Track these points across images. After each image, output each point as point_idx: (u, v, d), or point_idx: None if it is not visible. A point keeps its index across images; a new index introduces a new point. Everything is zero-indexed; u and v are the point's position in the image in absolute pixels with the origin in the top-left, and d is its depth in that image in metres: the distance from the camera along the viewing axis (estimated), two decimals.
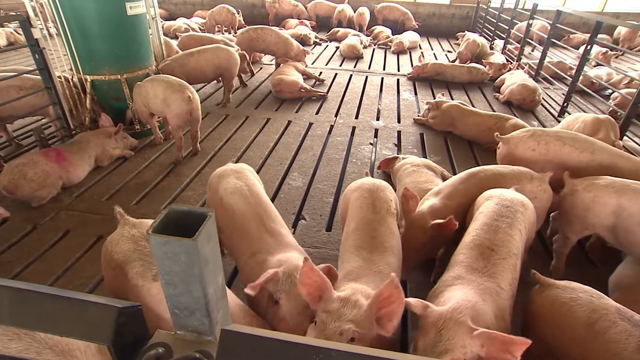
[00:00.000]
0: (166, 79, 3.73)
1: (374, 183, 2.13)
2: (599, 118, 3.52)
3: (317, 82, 6.23)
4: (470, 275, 1.58)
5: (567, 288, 1.58)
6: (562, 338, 1.50)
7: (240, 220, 1.98)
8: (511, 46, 8.07)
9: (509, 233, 1.75)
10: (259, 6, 11.58)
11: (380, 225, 1.87)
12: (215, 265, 0.64)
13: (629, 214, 2.14)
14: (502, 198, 1.97)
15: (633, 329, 1.37)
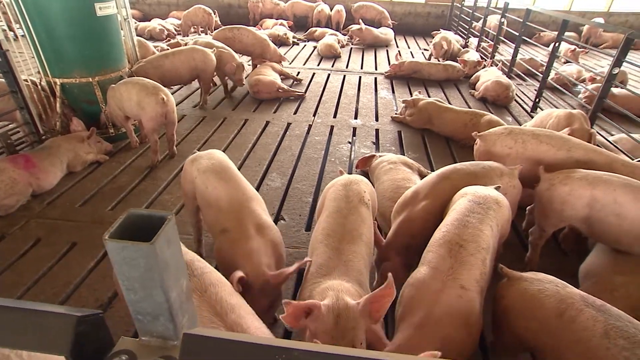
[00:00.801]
0: (140, 81, 3.66)
1: (349, 177, 2.18)
2: (572, 113, 3.63)
3: (295, 82, 6.22)
4: (432, 280, 1.60)
5: (534, 280, 1.61)
6: (534, 330, 1.52)
7: (213, 196, 2.07)
8: (485, 44, 8.25)
9: (478, 228, 1.76)
10: (235, 6, 11.48)
11: (351, 213, 1.91)
12: (178, 269, 0.63)
13: (602, 205, 2.21)
14: (475, 195, 1.99)
15: (598, 314, 1.41)
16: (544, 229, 2.48)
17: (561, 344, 1.42)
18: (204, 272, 1.52)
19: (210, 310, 1.38)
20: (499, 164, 2.54)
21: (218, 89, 5.82)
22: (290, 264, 1.80)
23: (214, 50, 5.14)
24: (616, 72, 3.73)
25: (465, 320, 1.51)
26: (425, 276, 1.64)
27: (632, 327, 1.36)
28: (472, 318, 1.52)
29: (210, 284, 1.47)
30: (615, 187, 2.20)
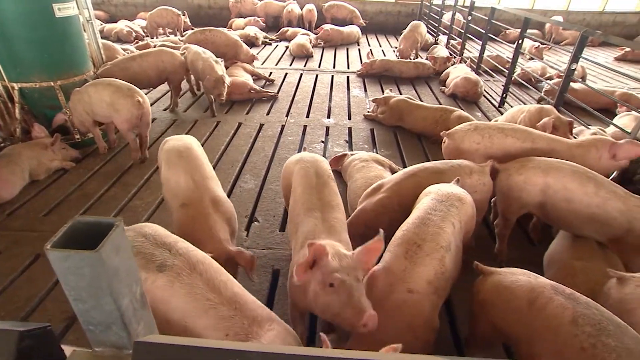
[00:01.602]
0: (113, 82, 3.58)
1: (314, 155, 2.36)
2: (543, 107, 3.76)
3: (267, 83, 6.19)
4: (381, 282, 1.63)
5: (507, 273, 1.66)
6: (509, 320, 1.57)
7: (173, 173, 2.25)
8: (454, 41, 8.43)
9: (439, 226, 1.78)
10: (205, 7, 11.32)
11: (324, 187, 2.10)
12: (129, 276, 0.62)
13: (554, 190, 2.34)
14: (439, 193, 2.02)
15: (567, 302, 1.45)
16: (507, 217, 2.58)
17: (533, 332, 1.46)
18: (189, 250, 1.59)
19: (204, 287, 1.46)
20: (468, 162, 2.59)
21: (189, 91, 5.71)
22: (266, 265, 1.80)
23: (183, 53, 5.05)
24: (574, 68, 3.89)
25: (408, 325, 1.53)
26: (377, 278, 1.67)
27: (598, 314, 1.39)
28: (417, 321, 1.55)
29: (198, 261, 1.54)
30: (565, 174, 2.33)
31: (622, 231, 2.21)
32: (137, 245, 1.57)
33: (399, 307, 1.57)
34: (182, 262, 1.51)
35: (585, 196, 2.27)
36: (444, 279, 1.68)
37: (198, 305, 1.42)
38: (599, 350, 1.28)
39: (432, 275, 1.64)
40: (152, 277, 1.48)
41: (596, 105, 4.87)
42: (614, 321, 1.38)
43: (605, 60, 9.23)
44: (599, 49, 10.58)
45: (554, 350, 1.38)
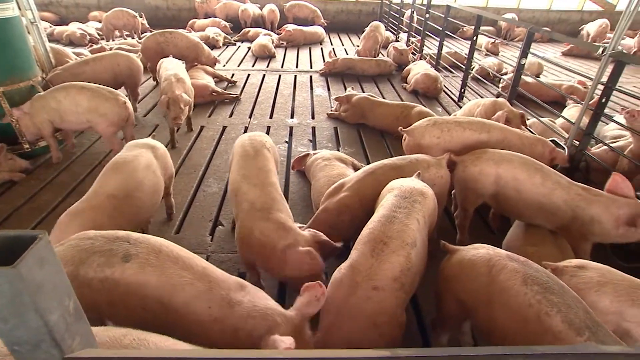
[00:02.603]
0: (87, 86, 3.47)
1: (253, 133, 2.64)
2: (497, 100, 3.91)
3: (229, 84, 6.10)
4: (347, 280, 1.65)
5: (469, 249, 1.78)
6: (470, 290, 1.67)
7: None
8: (414, 39, 8.62)
9: (404, 223, 1.81)
10: (163, 8, 11.02)
11: (257, 155, 2.41)
12: (58, 289, 0.59)
13: (505, 181, 2.46)
14: (401, 189, 2.05)
15: (519, 266, 1.58)
16: (465, 208, 2.67)
17: (491, 295, 1.58)
18: (146, 237, 1.63)
19: (175, 266, 1.52)
20: (425, 156, 2.65)
21: (149, 95, 5.54)
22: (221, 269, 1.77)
23: (139, 55, 4.90)
24: (524, 63, 4.07)
25: (373, 322, 1.56)
26: (343, 276, 1.68)
27: (545, 276, 1.54)
28: (382, 319, 1.57)
29: (161, 245, 1.60)
30: (515, 166, 2.45)
31: (568, 219, 2.34)
32: (87, 247, 1.56)
33: (364, 305, 1.58)
34: (146, 249, 1.56)
35: (533, 186, 2.39)
36: (410, 275, 1.71)
37: (175, 283, 1.49)
38: (544, 305, 1.43)
39: (398, 272, 1.66)
40: (120, 268, 1.50)
41: (547, 98, 5.14)
42: (558, 282, 1.53)
43: (554, 55, 9.73)
44: (548, 45, 11.14)
45: (508, 309, 1.51)
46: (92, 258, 1.53)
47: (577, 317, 1.39)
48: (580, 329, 1.35)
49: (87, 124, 3.49)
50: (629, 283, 1.68)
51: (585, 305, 1.48)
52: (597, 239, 2.34)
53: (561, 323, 1.38)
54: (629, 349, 0.57)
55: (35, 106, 3.44)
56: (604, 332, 1.37)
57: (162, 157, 2.62)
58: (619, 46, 2.86)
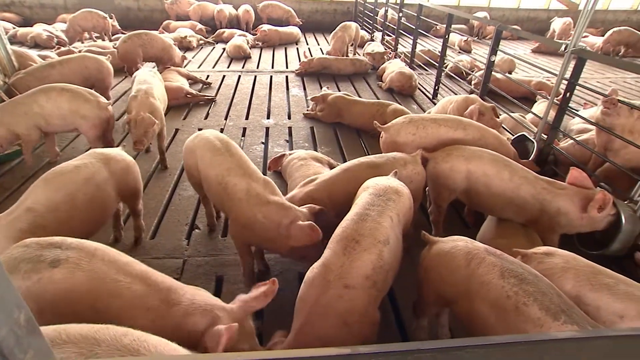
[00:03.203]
0: (68, 87, 3.40)
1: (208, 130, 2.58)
2: (468, 96, 4.00)
3: (204, 86, 6.01)
4: (319, 279, 1.66)
5: (448, 240, 1.82)
6: (449, 281, 1.71)
7: None
8: (389, 37, 8.71)
9: (377, 221, 1.82)
10: (134, 9, 10.76)
11: (230, 147, 2.40)
12: (5, 302, 0.57)
13: (475, 177, 2.52)
14: (376, 187, 2.06)
15: (496, 260, 1.63)
16: (438, 204, 2.72)
17: (470, 288, 1.63)
18: (81, 242, 1.60)
19: (109, 270, 1.50)
20: (402, 154, 2.68)
21: (121, 98, 5.40)
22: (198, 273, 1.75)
23: (108, 57, 4.77)
24: (493, 60, 4.17)
25: (343, 320, 1.56)
26: (315, 275, 1.68)
27: (521, 268, 1.61)
28: (353, 317, 1.58)
29: (95, 249, 1.57)
30: (485, 162, 2.51)
31: (536, 212, 2.42)
32: (17, 256, 1.53)
33: (335, 303, 1.59)
34: (78, 253, 1.53)
35: (501, 182, 2.46)
36: (382, 272, 1.72)
37: (111, 288, 1.47)
38: (520, 296, 1.49)
39: (370, 270, 1.67)
40: (47, 274, 1.47)
41: (518, 93, 5.28)
42: (532, 272, 1.60)
43: (524, 52, 10.01)
44: (518, 42, 11.46)
45: (487, 302, 1.56)
46: (21, 265, 1.50)
47: (553, 303, 1.46)
48: (557, 314, 1.43)
49: (71, 126, 3.42)
50: (590, 269, 1.77)
51: (558, 290, 1.56)
52: (564, 230, 2.43)
53: (539, 311, 1.45)
54: (578, 334, 0.59)
55: (16, 113, 3.29)
56: (577, 314, 1.45)
57: (119, 171, 2.38)
58: (580, 43, 2.96)
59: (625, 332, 0.60)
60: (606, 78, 7.69)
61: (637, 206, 2.44)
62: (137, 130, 3.25)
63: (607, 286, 1.68)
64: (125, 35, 5.75)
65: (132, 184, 2.49)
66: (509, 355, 0.57)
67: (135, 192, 2.55)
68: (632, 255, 2.54)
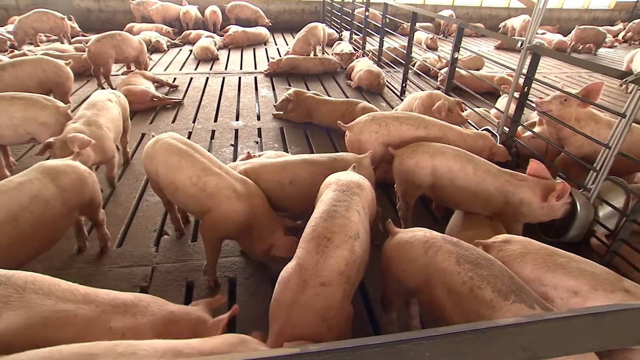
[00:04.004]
0: (19, 95, 3.23)
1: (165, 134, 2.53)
2: (432, 92, 4.08)
3: (171, 89, 5.89)
4: (295, 279, 1.67)
5: (407, 231, 1.88)
6: (409, 270, 1.77)
7: None
8: (357, 36, 8.79)
9: (346, 216, 1.84)
10: (96, 10, 10.40)
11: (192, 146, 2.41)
12: None
13: (440, 173, 2.58)
14: (339, 183, 2.07)
15: (453, 247, 1.70)
16: (406, 200, 2.77)
17: (429, 276, 1.70)
18: (8, 277, 1.44)
19: (47, 301, 1.40)
20: (346, 155, 2.68)
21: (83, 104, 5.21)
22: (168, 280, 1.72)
23: (69, 62, 4.59)
24: (457, 57, 4.29)
25: (322, 317, 1.58)
26: (290, 275, 1.69)
27: (476, 254, 1.68)
28: (330, 313, 1.59)
29: (27, 282, 1.44)
30: (448, 157, 2.58)
31: (501, 204, 2.51)
32: None
33: (313, 301, 1.60)
34: (4, 289, 1.38)
35: (465, 177, 2.53)
36: (355, 267, 1.75)
37: (53, 321, 1.37)
38: (475, 281, 1.57)
39: (344, 266, 1.69)
40: None
41: (483, 89, 5.46)
42: (486, 257, 1.68)
43: (487, 49, 10.34)
44: (482, 39, 11.81)
45: (445, 288, 1.62)
46: None
47: (504, 285, 1.54)
48: (507, 294, 1.51)
49: (27, 137, 3.24)
50: (545, 251, 1.87)
51: (511, 272, 1.64)
52: (527, 219, 2.54)
53: (491, 292, 1.52)
54: (520, 319, 0.62)
55: None
56: (526, 294, 1.54)
57: (70, 185, 2.21)
58: (539, 40, 3.09)
59: (562, 314, 0.63)
60: (563, 73, 8.04)
61: (590, 194, 2.57)
62: (63, 153, 2.70)
63: (561, 265, 1.79)
64: (99, 35, 5.60)
65: (88, 196, 2.33)
66: (454, 345, 0.59)
67: (93, 204, 2.40)
68: (588, 240, 2.67)
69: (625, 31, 11.93)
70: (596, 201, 2.60)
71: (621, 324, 0.65)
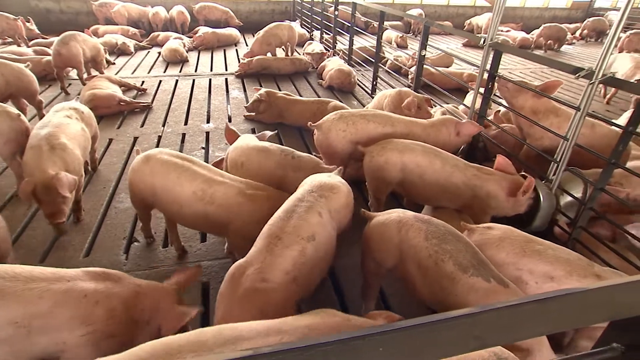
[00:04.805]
0: None
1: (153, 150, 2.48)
2: (400, 90, 4.15)
3: (139, 93, 5.73)
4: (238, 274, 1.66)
5: (384, 213, 1.98)
6: (385, 249, 1.88)
7: None
8: (327, 35, 8.82)
9: (303, 217, 1.82)
10: (56, 12, 10.00)
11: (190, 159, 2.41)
12: None
13: (409, 169, 2.63)
14: (312, 184, 2.06)
15: (422, 225, 1.81)
16: (377, 197, 2.82)
17: (402, 253, 1.80)
18: None
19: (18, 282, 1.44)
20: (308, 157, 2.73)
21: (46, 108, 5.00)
22: None
23: (27, 65, 4.40)
24: (424, 54, 4.38)
25: (260, 312, 1.55)
26: (235, 270, 1.69)
27: (444, 230, 1.80)
28: (269, 309, 1.56)
29: None
30: (417, 154, 2.63)
31: (469, 198, 2.58)
32: None
33: (253, 296, 1.59)
34: None
35: (434, 172, 2.59)
36: (305, 269, 1.72)
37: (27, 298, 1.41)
38: (440, 254, 1.70)
39: (291, 266, 1.68)
40: None
41: (452, 85, 5.58)
42: (453, 233, 1.81)
43: (456, 46, 10.58)
44: (450, 37, 12.08)
45: (415, 263, 1.75)
46: None
47: (465, 259, 1.67)
48: (467, 268, 1.64)
49: None
50: (523, 238, 1.97)
51: (476, 249, 1.77)
52: (494, 212, 2.62)
53: (452, 265, 1.65)
54: (472, 309, 0.64)
55: None
56: (486, 269, 1.67)
57: None
58: (503, 37, 3.19)
59: (510, 303, 0.66)
60: (528, 69, 8.33)
61: (552, 184, 2.68)
62: (50, 197, 2.41)
63: (538, 252, 1.89)
64: (62, 37, 5.45)
65: None
66: (407, 338, 0.61)
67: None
68: (552, 230, 2.78)
69: (582, 29, 12.48)
70: (557, 191, 2.71)
71: (563, 309, 0.69)
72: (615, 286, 0.73)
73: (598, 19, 12.42)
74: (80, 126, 3.10)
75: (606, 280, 0.74)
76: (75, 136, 2.94)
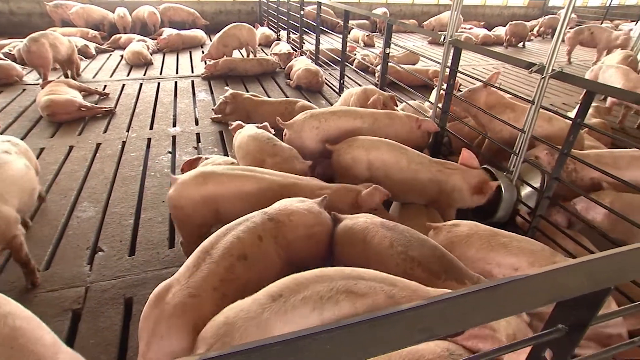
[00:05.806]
0: None
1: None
2: (365, 88, 4.20)
3: (101, 97, 5.54)
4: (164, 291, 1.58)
5: (353, 217, 1.97)
6: (351, 254, 1.87)
7: None
8: (294, 35, 8.80)
9: (238, 236, 1.73)
10: (6, 13, 9.49)
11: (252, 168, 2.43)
12: None
13: (376, 167, 2.67)
14: (273, 206, 1.96)
15: (388, 232, 1.80)
16: None
17: (368, 259, 1.78)
18: None
19: None
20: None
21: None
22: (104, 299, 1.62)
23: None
24: (388, 52, 4.44)
25: (193, 327, 1.47)
26: (162, 288, 1.60)
27: (409, 237, 1.79)
28: (201, 322, 1.46)
29: None
30: (383, 152, 2.68)
31: (435, 193, 2.65)
32: None
33: (182, 311, 1.50)
34: None
35: (400, 169, 2.64)
36: (235, 287, 1.61)
37: None
38: (407, 262, 1.69)
39: (217, 282, 1.59)
40: None
41: (418, 82, 5.70)
42: (418, 238, 1.80)
43: (421, 43, 10.80)
44: (415, 35, 12.31)
45: (382, 270, 1.65)
46: None
47: (435, 265, 1.67)
48: (438, 273, 1.64)
49: None
50: (489, 232, 2.02)
51: (443, 251, 1.77)
52: (459, 205, 2.70)
53: (422, 273, 1.64)
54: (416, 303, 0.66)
55: None
56: (456, 271, 1.68)
57: None
58: (465, 34, 3.28)
59: (458, 293, 0.68)
60: (490, 65, 8.60)
61: (512, 176, 2.78)
62: None
63: (503, 245, 1.94)
64: (33, 35, 5.32)
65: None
66: (353, 335, 0.62)
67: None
68: (514, 220, 2.89)
69: (539, 26, 13.04)
70: (518, 182, 2.82)
71: (511, 295, 0.72)
72: (558, 270, 0.77)
73: (553, 17, 13.00)
74: (23, 162, 2.49)
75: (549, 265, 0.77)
76: (13, 180, 2.30)
